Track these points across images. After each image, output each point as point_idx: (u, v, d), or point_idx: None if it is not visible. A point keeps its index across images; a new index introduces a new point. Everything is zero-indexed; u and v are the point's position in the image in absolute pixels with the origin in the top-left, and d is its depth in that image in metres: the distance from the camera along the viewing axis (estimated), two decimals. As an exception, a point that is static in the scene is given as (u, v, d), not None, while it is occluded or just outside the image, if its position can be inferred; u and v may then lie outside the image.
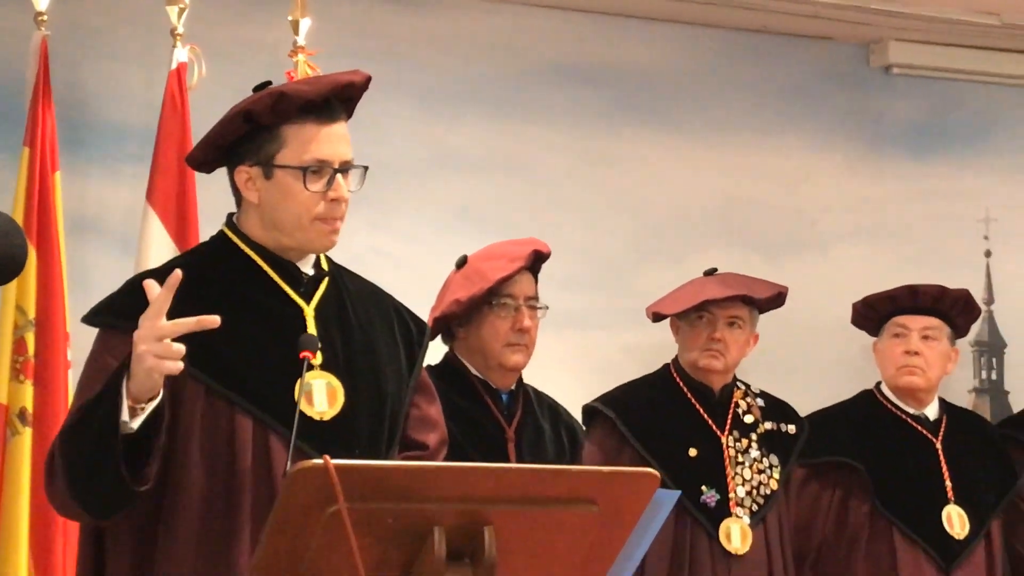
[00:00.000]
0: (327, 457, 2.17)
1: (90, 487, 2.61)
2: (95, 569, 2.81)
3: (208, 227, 3.77)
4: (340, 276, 2.94)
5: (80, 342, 3.63)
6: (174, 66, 3.99)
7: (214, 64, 4.04)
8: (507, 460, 3.63)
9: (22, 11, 4.00)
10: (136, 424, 2.56)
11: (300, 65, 4.02)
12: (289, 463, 2.51)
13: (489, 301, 3.66)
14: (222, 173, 3.05)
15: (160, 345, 2.49)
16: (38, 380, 3.82)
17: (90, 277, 4.05)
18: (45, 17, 3.91)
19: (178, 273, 2.60)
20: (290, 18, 4.05)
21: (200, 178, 3.83)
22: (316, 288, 2.84)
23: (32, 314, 3.83)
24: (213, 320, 2.53)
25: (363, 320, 2.91)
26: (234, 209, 2.90)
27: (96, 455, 2.57)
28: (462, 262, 3.78)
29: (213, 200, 3.70)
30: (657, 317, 4.20)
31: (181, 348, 2.53)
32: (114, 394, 2.55)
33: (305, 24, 4.03)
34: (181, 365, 2.53)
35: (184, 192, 3.97)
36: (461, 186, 4.65)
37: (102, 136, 4.29)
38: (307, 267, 2.85)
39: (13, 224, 1.61)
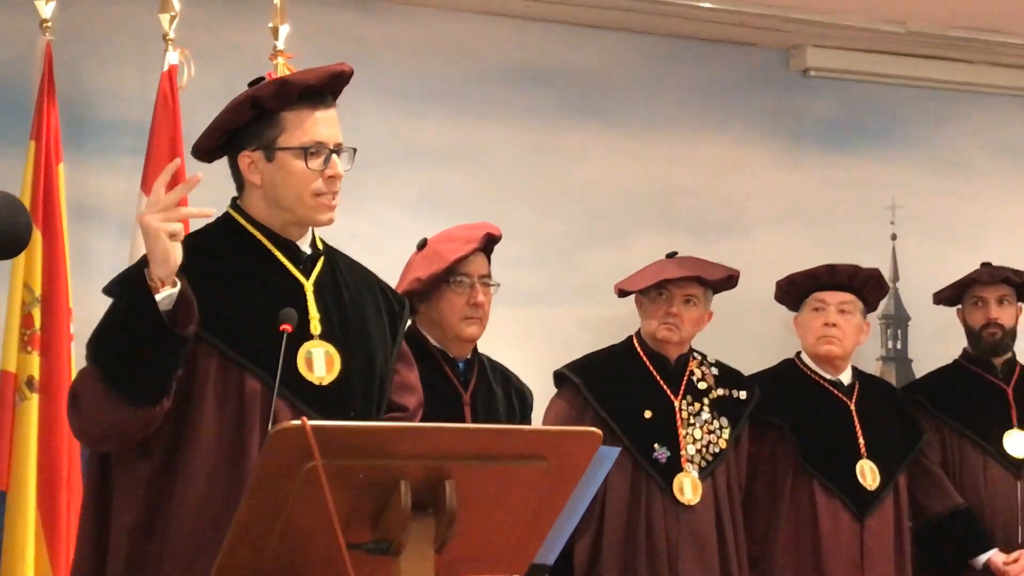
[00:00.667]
0: (304, 419, 2.23)
1: (132, 364, 2.62)
2: (99, 522, 2.82)
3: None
4: (333, 255, 2.97)
5: (81, 317, 3.75)
6: (166, 68, 4.04)
7: (201, 66, 4.08)
8: (464, 421, 3.66)
9: (28, 18, 4.03)
10: (161, 297, 2.58)
11: (279, 67, 4.06)
12: (271, 424, 2.56)
13: (447, 279, 3.71)
14: (210, 164, 3.00)
15: (163, 213, 2.55)
16: (44, 351, 3.88)
17: (90, 258, 4.13)
18: (49, 24, 3.96)
19: (198, 175, 2.67)
20: (270, 25, 4.10)
21: (189, 169, 3.73)
22: (314, 265, 2.88)
23: (38, 291, 3.87)
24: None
25: (354, 295, 2.94)
26: (219, 195, 2.90)
27: (135, 326, 2.60)
28: (423, 244, 3.84)
29: (200, 188, 3.93)
30: (622, 293, 4.30)
31: (181, 210, 2.61)
32: (140, 279, 2.58)
33: (284, 30, 4.09)
34: (181, 226, 2.57)
35: (175, 181, 4.04)
36: (423, 176, 4.71)
37: (101, 131, 4.33)
38: (305, 246, 2.89)
39: (19, 203, 1.58)
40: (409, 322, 3.69)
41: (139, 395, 2.65)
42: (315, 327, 2.81)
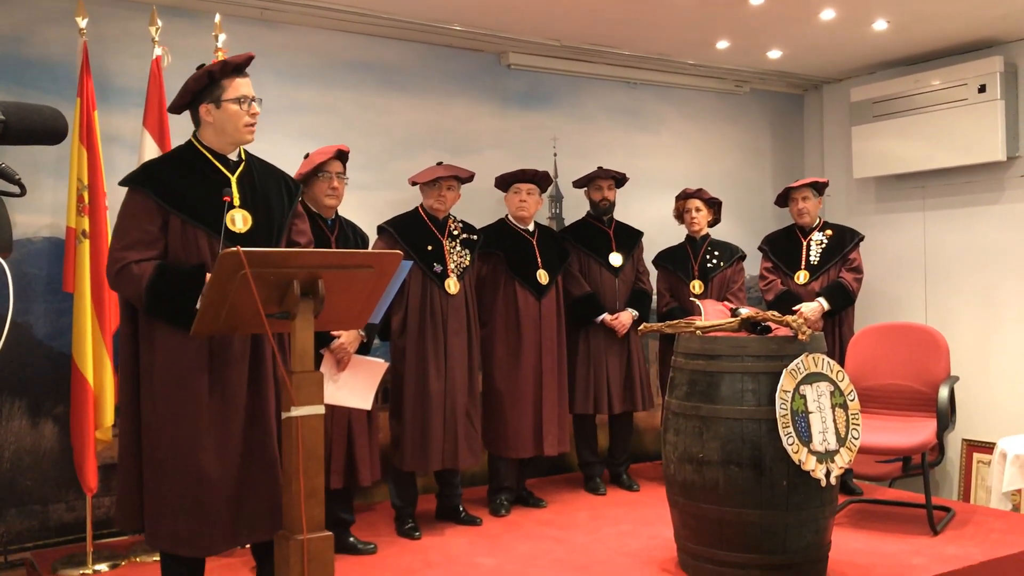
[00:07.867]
0: (239, 247, 2.25)
1: (162, 311, 2.65)
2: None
3: (175, 140, 3.78)
4: (252, 161, 2.91)
5: (112, 199, 3.73)
6: (154, 56, 3.94)
7: (174, 56, 3.99)
8: (332, 247, 3.71)
9: (71, 28, 3.89)
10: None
11: (219, 57, 3.96)
12: (220, 250, 2.58)
13: (316, 174, 3.71)
14: (179, 117, 2.90)
15: None
16: (90, 215, 3.81)
17: (114, 165, 4.02)
18: (84, 31, 3.83)
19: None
20: (213, 34, 4.02)
21: (170, 116, 3.68)
22: (237, 168, 2.85)
23: (86, 182, 3.79)
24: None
25: (262, 183, 2.89)
26: (185, 133, 2.87)
27: (179, 303, 2.62)
28: (306, 156, 3.86)
29: (175, 127, 3.74)
30: (413, 184, 4.31)
31: None
32: (199, 277, 2.55)
33: (221, 37, 4.01)
34: None
35: (161, 121, 3.90)
36: (302, 119, 4.62)
37: (118, 92, 4.17)
38: (234, 157, 2.86)
39: (60, 114, 1.42)
40: (301, 198, 3.61)
41: (161, 318, 2.70)
42: (236, 201, 2.79)
